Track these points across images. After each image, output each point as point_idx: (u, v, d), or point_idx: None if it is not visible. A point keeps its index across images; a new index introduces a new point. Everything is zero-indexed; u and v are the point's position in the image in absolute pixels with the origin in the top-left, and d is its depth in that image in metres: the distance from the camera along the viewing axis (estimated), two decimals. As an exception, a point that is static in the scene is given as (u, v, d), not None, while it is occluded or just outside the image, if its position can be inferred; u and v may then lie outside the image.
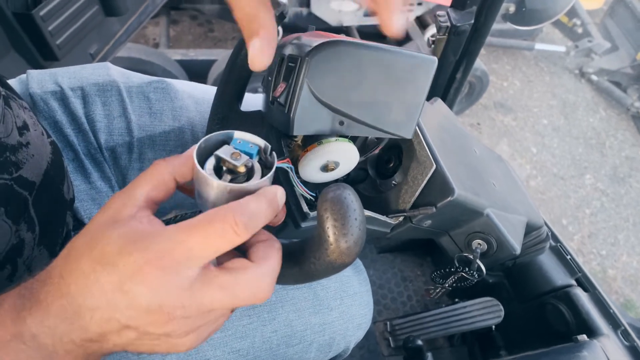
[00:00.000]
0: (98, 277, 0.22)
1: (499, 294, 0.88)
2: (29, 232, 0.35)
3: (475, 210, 0.46)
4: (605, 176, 2.11)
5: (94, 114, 0.48)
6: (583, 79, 2.50)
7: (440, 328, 0.87)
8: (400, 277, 1.08)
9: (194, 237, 0.23)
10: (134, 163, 0.49)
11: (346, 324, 0.48)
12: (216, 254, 0.23)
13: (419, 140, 0.45)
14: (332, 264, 0.27)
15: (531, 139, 2.17)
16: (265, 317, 0.44)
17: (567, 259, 0.81)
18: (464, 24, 0.69)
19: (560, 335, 0.75)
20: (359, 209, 0.27)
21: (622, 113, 2.38)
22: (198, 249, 0.23)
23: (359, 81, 0.36)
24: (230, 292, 0.24)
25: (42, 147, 0.37)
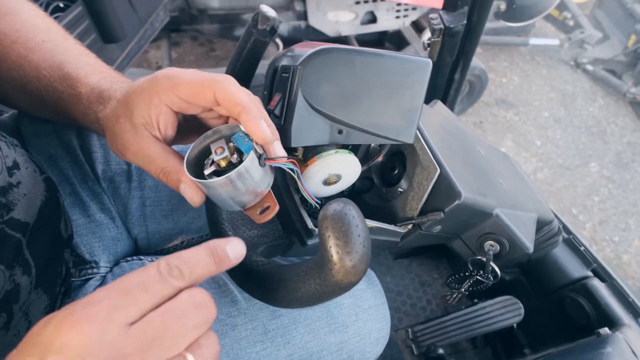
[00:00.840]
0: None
1: (517, 291, 0.86)
2: (25, 276, 0.33)
3: (484, 211, 0.44)
4: (610, 163, 2.09)
5: (89, 144, 0.47)
6: (579, 69, 2.50)
7: (462, 331, 0.85)
8: (418, 282, 1.06)
9: (129, 281, 0.21)
10: (134, 191, 0.49)
11: (363, 340, 0.46)
12: (155, 299, 0.21)
13: (421, 145, 0.44)
14: (338, 285, 0.26)
15: (534, 132, 2.16)
16: (279, 342, 0.42)
17: (580, 250, 0.80)
18: (457, 25, 0.69)
19: (582, 329, 0.73)
20: (362, 224, 0.26)
21: (619, 100, 2.37)
22: (134, 294, 0.21)
23: (354, 88, 0.35)
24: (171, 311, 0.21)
25: (35, 185, 0.36)
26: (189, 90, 0.30)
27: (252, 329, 0.42)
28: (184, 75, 0.30)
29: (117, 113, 0.32)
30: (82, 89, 0.36)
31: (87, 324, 0.19)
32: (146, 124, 0.31)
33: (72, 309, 0.20)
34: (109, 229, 0.46)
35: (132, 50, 1.33)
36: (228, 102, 0.29)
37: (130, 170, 0.49)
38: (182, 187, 0.30)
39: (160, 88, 0.30)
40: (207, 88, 0.29)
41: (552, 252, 0.80)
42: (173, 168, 0.30)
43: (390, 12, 1.87)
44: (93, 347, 0.19)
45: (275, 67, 0.39)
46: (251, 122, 0.29)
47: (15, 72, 0.38)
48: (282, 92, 0.35)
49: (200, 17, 1.87)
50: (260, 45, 0.49)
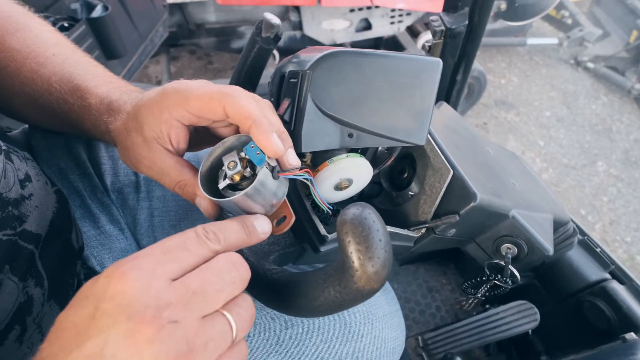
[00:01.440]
0: (70, 320, 0.21)
1: (530, 295, 0.84)
2: (38, 287, 0.33)
3: (500, 213, 0.43)
4: (617, 161, 2.07)
5: (98, 156, 0.47)
6: (579, 67, 2.49)
7: (475, 338, 0.83)
8: (426, 288, 1.04)
9: (170, 242, 0.23)
10: (142, 202, 0.48)
11: (379, 350, 0.45)
12: (195, 259, 0.23)
13: (432, 147, 0.43)
14: (360, 292, 0.25)
15: (537, 133, 2.15)
16: (293, 352, 0.41)
17: (597, 252, 0.78)
18: (459, 26, 0.69)
19: (603, 334, 0.71)
20: (382, 228, 0.25)
21: (623, 97, 2.36)
22: (176, 253, 0.23)
23: (364, 90, 0.35)
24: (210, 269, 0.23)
25: (47, 197, 0.36)
26: (199, 105, 0.29)
27: (265, 340, 0.41)
28: (194, 89, 0.30)
29: (128, 126, 0.32)
30: (92, 100, 0.36)
31: (136, 275, 0.21)
32: (158, 138, 0.31)
33: (120, 262, 0.22)
34: (119, 241, 0.46)
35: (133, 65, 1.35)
36: (238, 115, 0.29)
37: (139, 181, 0.48)
38: (197, 201, 0.31)
39: (170, 103, 0.30)
40: (217, 102, 0.29)
41: (567, 255, 0.78)
42: (188, 182, 0.30)
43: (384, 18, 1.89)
44: (141, 295, 0.20)
45: (282, 73, 0.38)
46: (262, 137, 0.28)
47: (27, 87, 0.38)
48: (291, 97, 0.35)
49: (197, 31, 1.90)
50: (265, 53, 0.49)
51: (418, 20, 1.96)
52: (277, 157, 0.29)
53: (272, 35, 0.46)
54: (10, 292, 0.30)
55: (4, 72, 0.38)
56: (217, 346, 0.22)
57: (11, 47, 0.38)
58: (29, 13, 0.42)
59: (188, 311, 0.21)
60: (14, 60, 0.38)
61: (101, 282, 0.21)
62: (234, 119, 0.29)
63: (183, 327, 0.21)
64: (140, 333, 0.20)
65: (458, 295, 1.03)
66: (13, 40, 0.38)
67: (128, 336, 0.19)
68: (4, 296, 0.30)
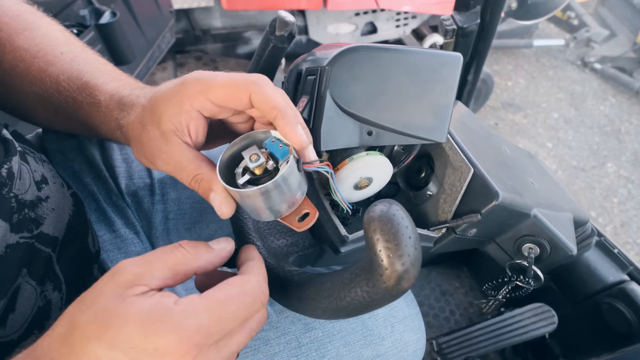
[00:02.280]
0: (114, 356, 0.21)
1: (546, 298, 0.82)
2: (56, 292, 0.33)
3: (521, 212, 0.42)
4: (627, 162, 2.04)
5: (112, 159, 0.47)
6: (586, 68, 2.48)
7: (490, 342, 0.81)
8: (439, 292, 1.02)
9: (225, 312, 0.24)
10: (157, 205, 0.48)
11: (400, 353, 0.44)
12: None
13: (451, 145, 0.42)
14: (389, 291, 0.24)
15: (545, 134, 2.13)
16: (314, 356, 0.40)
17: (614, 253, 0.76)
18: (471, 25, 0.68)
19: (623, 337, 0.69)
20: (411, 225, 0.24)
21: (632, 97, 2.34)
22: (229, 323, 0.24)
23: (383, 86, 0.34)
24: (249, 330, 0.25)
25: (63, 200, 0.36)
26: (222, 93, 0.28)
27: (285, 344, 0.40)
28: (217, 77, 0.29)
29: (143, 120, 0.31)
30: (101, 97, 0.35)
31: (195, 351, 0.22)
32: (176, 130, 0.29)
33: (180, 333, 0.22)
34: (134, 244, 0.45)
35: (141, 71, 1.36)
36: (264, 104, 0.28)
37: (153, 184, 0.48)
38: (211, 196, 0.29)
39: (191, 92, 0.29)
40: (243, 90, 0.28)
41: (584, 256, 0.76)
42: (205, 175, 0.29)
43: (390, 21, 1.89)
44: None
45: (299, 70, 0.38)
46: (288, 127, 0.27)
47: (36, 86, 0.37)
48: (310, 94, 0.34)
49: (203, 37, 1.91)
50: (279, 52, 0.48)
51: (423, 23, 1.96)
52: (301, 148, 0.28)
53: (286, 33, 0.46)
54: (29, 296, 0.30)
55: (13, 72, 0.38)
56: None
57: (19, 47, 0.37)
58: (37, 12, 0.41)
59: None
60: (23, 60, 0.37)
61: (160, 344, 0.21)
62: (260, 107, 0.28)
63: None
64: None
65: (472, 299, 1.01)
66: (21, 39, 0.38)
67: None
68: (22, 300, 0.29)
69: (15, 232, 0.29)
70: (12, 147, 0.31)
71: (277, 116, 0.27)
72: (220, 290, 0.24)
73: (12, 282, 0.29)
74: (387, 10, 1.84)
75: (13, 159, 0.31)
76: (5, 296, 0.28)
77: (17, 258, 0.29)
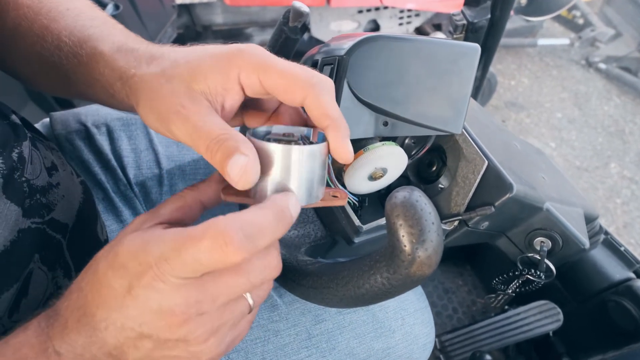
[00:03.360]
0: (110, 281, 0.22)
1: (550, 296, 0.82)
2: (66, 279, 0.33)
3: (534, 205, 0.42)
4: (631, 163, 2.04)
5: (120, 149, 0.46)
6: (591, 68, 2.47)
7: (494, 340, 0.81)
8: (442, 290, 1.02)
9: (187, 251, 0.21)
10: (165, 196, 0.48)
11: (411, 346, 0.44)
12: (211, 268, 0.22)
13: (465, 138, 0.42)
14: (410, 278, 0.24)
15: (548, 134, 2.12)
16: (324, 347, 0.40)
17: (621, 251, 0.76)
18: (481, 20, 0.68)
19: (629, 334, 0.69)
20: (434, 211, 0.24)
21: (636, 98, 2.33)
22: (192, 264, 0.21)
23: (401, 76, 0.34)
24: (241, 268, 0.23)
25: (73, 187, 0.35)
26: (278, 82, 0.25)
27: (296, 335, 0.40)
28: (276, 61, 0.26)
29: (171, 73, 0.26)
30: (105, 47, 0.30)
31: (167, 281, 0.21)
32: (209, 94, 0.26)
33: (154, 256, 0.21)
34: None
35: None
36: (319, 111, 0.25)
37: (162, 175, 0.48)
38: (235, 157, 0.23)
39: (246, 63, 0.26)
40: (300, 88, 0.25)
41: (590, 254, 0.76)
42: (232, 135, 0.24)
43: (393, 19, 1.88)
44: (168, 294, 0.21)
45: (314, 60, 0.37)
46: (338, 142, 0.26)
47: (38, 45, 0.34)
48: None
49: (204, 33, 1.91)
50: (292, 44, 0.48)
51: (427, 21, 1.95)
52: (345, 161, 0.27)
53: (299, 24, 0.45)
54: (41, 282, 0.30)
55: (16, 32, 0.35)
56: (236, 322, 0.25)
57: (23, 3, 0.35)
58: None
59: (214, 304, 0.22)
60: (26, 17, 0.34)
61: (138, 264, 0.21)
62: (312, 113, 0.26)
63: (209, 316, 0.23)
64: (172, 320, 0.22)
65: (475, 297, 1.01)
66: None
67: (160, 319, 0.22)
68: (35, 285, 0.29)
69: (27, 217, 0.29)
70: (22, 132, 0.31)
71: (330, 126, 0.26)
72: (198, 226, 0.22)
73: (25, 267, 0.29)
74: (391, 8, 1.83)
75: (23, 143, 0.30)
76: (18, 280, 0.28)
77: (29, 243, 0.29)
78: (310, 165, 0.26)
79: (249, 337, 0.38)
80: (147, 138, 0.48)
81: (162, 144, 0.48)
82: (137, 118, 0.49)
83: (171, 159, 0.48)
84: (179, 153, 0.49)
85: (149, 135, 0.48)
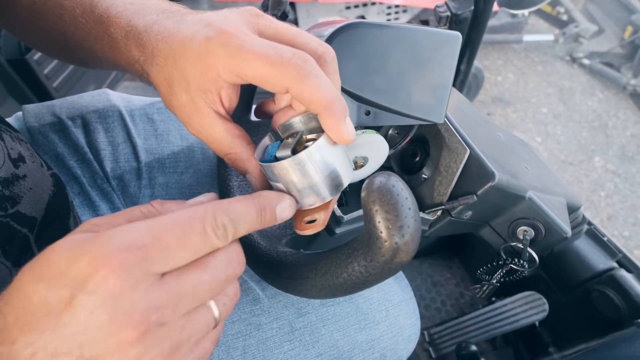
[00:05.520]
0: (41, 295, 0.17)
1: (536, 287, 0.83)
2: None
3: (517, 194, 0.42)
4: (614, 156, 2.08)
5: (97, 142, 0.45)
6: (575, 64, 2.50)
7: (482, 331, 0.82)
8: (430, 283, 1.02)
9: (170, 234, 0.19)
10: (144, 189, 0.46)
11: (395, 337, 0.43)
12: (194, 257, 0.20)
13: (447, 127, 0.42)
14: (387, 265, 0.24)
15: (534, 129, 2.15)
16: (307, 340, 0.39)
17: (604, 241, 0.77)
18: (465, 12, 0.67)
19: (613, 323, 0.70)
20: (411, 196, 0.24)
21: (619, 92, 2.37)
22: (175, 250, 0.19)
23: (382, 64, 0.33)
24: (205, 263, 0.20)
25: (42, 180, 0.34)
26: (256, 72, 0.24)
27: (278, 328, 0.39)
28: (251, 47, 0.23)
29: (169, 79, 0.26)
30: (117, 34, 0.30)
31: (124, 271, 0.18)
32: (206, 99, 0.26)
33: (108, 249, 0.18)
34: None
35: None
36: (306, 101, 0.24)
37: (140, 168, 0.46)
38: (247, 177, 0.27)
39: (218, 61, 0.24)
40: (281, 77, 0.23)
41: (574, 244, 0.77)
42: (239, 156, 0.27)
43: (380, 15, 1.88)
44: (129, 296, 0.18)
45: None
46: (334, 126, 0.24)
47: (58, 25, 0.33)
48: None
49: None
50: (271, 32, 0.47)
51: (414, 17, 1.95)
52: (347, 144, 0.26)
53: (279, 12, 0.45)
54: (4, 277, 0.28)
55: (32, 10, 0.33)
56: (200, 337, 0.21)
57: None
58: None
59: (176, 312, 0.19)
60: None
61: (82, 267, 0.18)
62: (300, 101, 0.25)
63: (168, 328, 0.19)
64: (124, 334, 0.18)
65: (463, 289, 1.02)
66: None
67: (109, 336, 0.17)
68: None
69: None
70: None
71: (321, 113, 0.24)
72: (167, 214, 0.20)
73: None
74: (378, 4, 1.83)
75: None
76: None
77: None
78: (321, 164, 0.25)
79: (230, 331, 0.38)
80: (124, 130, 0.47)
81: (140, 136, 0.47)
82: (114, 110, 0.47)
83: (150, 152, 0.47)
84: (158, 146, 0.48)
85: (127, 128, 0.47)
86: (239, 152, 0.26)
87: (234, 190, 0.40)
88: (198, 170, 0.49)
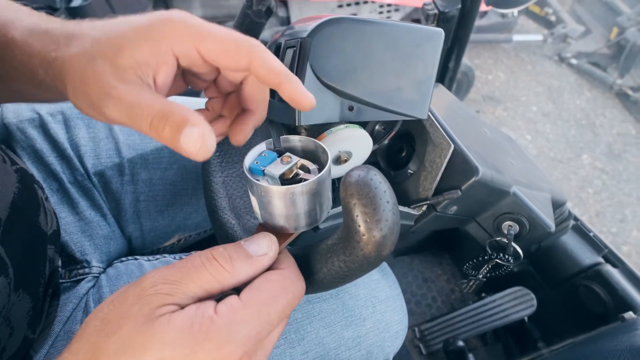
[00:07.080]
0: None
1: (525, 282, 0.84)
2: (2, 277, 0.29)
3: (501, 189, 0.42)
4: (602, 154, 2.11)
5: (77, 138, 0.44)
6: (563, 63, 2.54)
7: (471, 327, 0.82)
8: (422, 279, 1.03)
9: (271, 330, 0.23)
10: (126, 186, 0.45)
11: (382, 333, 0.43)
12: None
13: (432, 122, 0.42)
14: (366, 259, 0.23)
15: (524, 127, 2.18)
16: (292, 338, 0.39)
17: (590, 236, 0.78)
18: (452, 10, 0.68)
19: (599, 317, 0.71)
20: (389, 190, 0.23)
21: (606, 92, 2.41)
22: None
23: (365, 60, 0.33)
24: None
25: (5, 177, 0.32)
26: (218, 48, 0.24)
27: (263, 327, 0.38)
28: (209, 27, 0.24)
29: (92, 52, 0.24)
30: (15, 32, 0.27)
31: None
32: (138, 68, 0.24)
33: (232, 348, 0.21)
34: (101, 227, 0.42)
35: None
36: (267, 70, 0.24)
37: (122, 164, 0.45)
38: (188, 130, 0.21)
39: (176, 34, 0.23)
40: (244, 51, 0.24)
41: (561, 239, 0.78)
42: (175, 110, 0.22)
43: (372, 13, 1.88)
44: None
45: (278, 44, 0.36)
46: (296, 91, 0.25)
47: None
48: (289, 67, 0.33)
49: (182, 27, 1.86)
50: (256, 27, 0.47)
51: (406, 16, 1.96)
52: (310, 108, 0.26)
53: (264, 7, 0.44)
54: None
55: None
56: None
57: None
58: None
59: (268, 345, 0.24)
60: None
61: (200, 338, 0.20)
62: (261, 73, 0.24)
63: None
64: None
65: (454, 286, 1.02)
66: None
67: None
68: None
69: None
70: None
71: (282, 82, 0.24)
72: (261, 290, 0.23)
73: None
74: (370, 2, 1.83)
75: None
76: None
77: None
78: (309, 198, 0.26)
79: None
80: (106, 126, 0.46)
81: (123, 132, 0.46)
82: None
83: (132, 148, 0.46)
84: (141, 142, 0.47)
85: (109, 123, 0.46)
86: (172, 105, 0.23)
87: (218, 186, 0.40)
88: (182, 166, 0.48)
